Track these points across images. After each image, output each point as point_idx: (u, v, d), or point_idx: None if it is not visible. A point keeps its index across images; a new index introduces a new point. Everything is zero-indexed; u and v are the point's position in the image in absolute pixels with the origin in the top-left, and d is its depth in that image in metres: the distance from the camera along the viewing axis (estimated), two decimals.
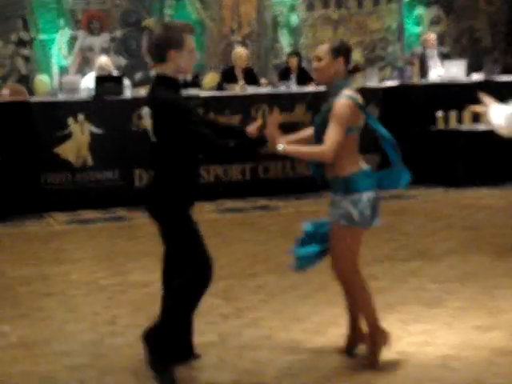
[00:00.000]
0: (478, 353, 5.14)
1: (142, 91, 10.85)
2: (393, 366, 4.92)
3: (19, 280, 7.36)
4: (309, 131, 5.22)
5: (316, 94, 11.55)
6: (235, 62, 12.43)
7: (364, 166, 4.95)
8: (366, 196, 4.84)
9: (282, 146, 4.76)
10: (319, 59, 4.94)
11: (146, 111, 4.81)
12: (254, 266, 7.55)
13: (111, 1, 13.87)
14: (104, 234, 9.32)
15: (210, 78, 13.95)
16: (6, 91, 11.48)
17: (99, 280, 7.17)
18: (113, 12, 13.93)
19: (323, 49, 4.94)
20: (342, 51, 4.93)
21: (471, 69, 12.84)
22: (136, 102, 10.47)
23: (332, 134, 4.75)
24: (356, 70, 5.17)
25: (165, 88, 4.74)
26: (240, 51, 12.65)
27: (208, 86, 13.25)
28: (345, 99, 4.83)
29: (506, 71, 13.45)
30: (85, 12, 13.77)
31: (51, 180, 10.62)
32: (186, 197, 4.86)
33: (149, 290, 6.66)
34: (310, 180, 10.92)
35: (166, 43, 4.71)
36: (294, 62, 12.68)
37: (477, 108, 6.56)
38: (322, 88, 12.89)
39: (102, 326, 5.90)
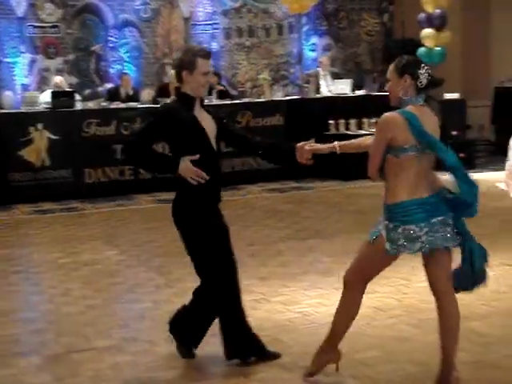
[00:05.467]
0: (361, 311, 5.20)
1: (90, 104, 10.77)
2: (295, 322, 4.97)
3: None
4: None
5: (222, 105, 11.57)
6: (170, 80, 12.31)
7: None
8: None
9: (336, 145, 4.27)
10: (387, 80, 3.77)
11: None
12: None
13: (64, 30, 13.60)
14: (60, 221, 9.14)
15: (147, 93, 13.79)
16: None
17: (56, 259, 7.05)
18: (66, 39, 13.63)
19: (389, 69, 3.75)
20: (406, 69, 3.67)
21: (355, 86, 13.01)
22: (85, 113, 10.45)
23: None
24: (434, 83, 3.71)
25: (177, 102, 4.28)
26: (174, 72, 12.53)
27: (145, 100, 13.10)
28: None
29: (382, 88, 13.70)
30: (43, 39, 13.48)
31: (17, 177, 10.39)
32: (199, 201, 4.10)
33: (96, 267, 6.60)
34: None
35: (179, 65, 4.29)
36: (215, 80, 12.64)
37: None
38: (243, 100, 12.61)
39: (57, 298, 5.81)
